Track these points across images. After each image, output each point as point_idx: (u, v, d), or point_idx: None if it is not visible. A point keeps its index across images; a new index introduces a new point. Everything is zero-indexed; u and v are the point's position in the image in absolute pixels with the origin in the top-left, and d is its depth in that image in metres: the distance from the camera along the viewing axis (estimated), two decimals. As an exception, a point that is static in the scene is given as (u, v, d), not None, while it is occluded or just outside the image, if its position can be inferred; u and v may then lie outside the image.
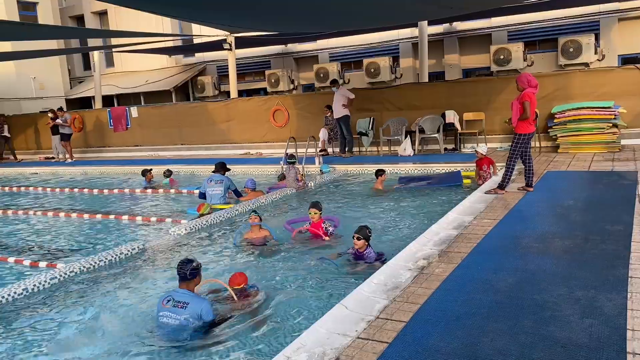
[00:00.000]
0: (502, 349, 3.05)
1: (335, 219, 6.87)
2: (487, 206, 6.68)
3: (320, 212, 6.36)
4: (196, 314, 4.01)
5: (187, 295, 4.13)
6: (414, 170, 10.56)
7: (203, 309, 4.05)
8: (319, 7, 8.30)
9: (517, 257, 4.69)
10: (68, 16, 26.63)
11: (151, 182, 11.31)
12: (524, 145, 7.24)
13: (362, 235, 5.34)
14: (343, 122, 12.92)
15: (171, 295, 4.15)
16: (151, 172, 11.43)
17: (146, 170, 11.46)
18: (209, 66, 23.46)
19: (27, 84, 23.47)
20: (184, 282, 4.22)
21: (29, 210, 9.65)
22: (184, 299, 4.08)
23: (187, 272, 4.19)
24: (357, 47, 20.15)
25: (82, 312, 4.75)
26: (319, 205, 6.42)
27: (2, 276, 6.07)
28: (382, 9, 8.55)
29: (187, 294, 4.14)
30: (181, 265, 4.24)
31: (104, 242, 7.29)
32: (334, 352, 3.19)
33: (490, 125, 12.46)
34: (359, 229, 5.41)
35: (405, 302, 3.86)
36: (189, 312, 4.00)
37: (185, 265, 4.22)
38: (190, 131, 16.93)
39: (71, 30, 21.47)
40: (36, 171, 15.94)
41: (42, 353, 4.00)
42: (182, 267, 4.22)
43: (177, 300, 4.08)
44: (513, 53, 16.61)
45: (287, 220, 7.17)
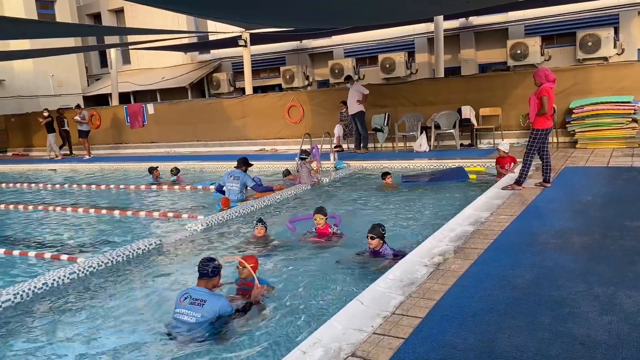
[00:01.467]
0: (519, 345, 3.03)
1: (337, 217, 6.78)
2: (503, 202, 6.63)
3: (326, 217, 6.23)
4: (213, 311, 4.03)
5: (205, 293, 4.14)
6: (429, 166, 10.51)
7: (221, 306, 4.07)
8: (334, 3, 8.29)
9: (534, 254, 4.65)
10: (85, 14, 26.88)
11: (158, 179, 11.48)
12: (541, 141, 7.16)
13: (376, 235, 5.26)
14: (358, 118, 12.89)
15: (188, 292, 4.17)
16: (157, 170, 11.64)
17: (153, 167, 11.72)
18: (224, 63, 23.55)
19: (46, 81, 23.77)
20: (203, 279, 4.23)
21: (49, 206, 9.78)
22: (202, 296, 4.09)
23: (209, 270, 4.21)
24: (372, 43, 20.08)
25: (100, 306, 4.81)
26: (324, 210, 6.27)
27: (22, 270, 6.17)
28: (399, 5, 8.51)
29: (204, 291, 4.15)
30: (203, 263, 4.27)
31: (121, 238, 7.37)
32: (350, 348, 3.20)
33: (506, 120, 12.34)
34: (371, 228, 5.32)
35: (421, 298, 3.85)
36: (206, 310, 4.01)
37: (207, 263, 4.25)
38: (206, 128, 17.03)
39: (88, 28, 21.69)
40: (54, 167, 16.15)
41: (61, 347, 4.06)
42: (205, 264, 4.24)
43: (194, 297, 4.09)
44: (530, 48, 16.42)
45: (289, 219, 7.10)
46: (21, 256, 6.63)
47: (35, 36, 16.34)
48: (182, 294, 4.20)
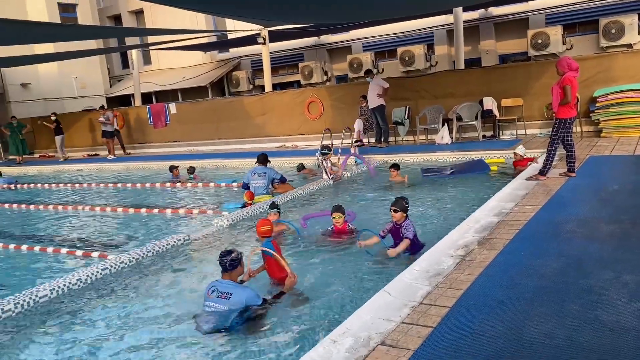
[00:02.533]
0: (548, 332, 3.06)
1: (352, 214, 6.75)
2: (528, 193, 6.61)
3: (344, 215, 6.14)
4: (240, 303, 4.11)
5: (230, 285, 4.23)
6: (452, 158, 10.49)
7: (247, 297, 4.15)
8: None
9: (560, 243, 4.65)
10: (106, 16, 27.29)
11: (177, 177, 11.83)
12: (565, 130, 7.11)
13: (399, 207, 5.30)
14: (378, 111, 12.90)
15: (215, 285, 4.26)
16: (177, 169, 12.01)
17: (173, 166, 12.11)
18: (243, 61, 23.71)
19: (70, 83, 24.22)
20: (226, 272, 4.33)
21: (78, 205, 10.02)
22: (227, 289, 4.18)
23: (226, 264, 4.30)
24: (390, 36, 20.02)
25: (132, 300, 4.95)
26: (342, 209, 6.16)
27: (56, 267, 6.36)
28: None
29: (230, 284, 4.24)
30: (221, 256, 4.37)
31: (150, 234, 7.54)
32: (379, 337, 3.25)
33: (529, 110, 12.24)
34: (395, 201, 5.37)
35: (448, 288, 3.89)
36: (232, 303, 4.10)
37: (225, 256, 4.34)
38: (227, 126, 17.19)
39: (109, 30, 22.03)
40: (81, 168, 16.48)
41: (95, 339, 4.19)
42: (222, 258, 4.34)
43: (220, 291, 4.19)
44: (551, 37, 16.20)
45: (303, 215, 7.12)
46: (54, 253, 6.82)
47: (58, 39, 16.64)
48: (209, 287, 4.31)
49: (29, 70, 22.66)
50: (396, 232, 5.38)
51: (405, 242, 5.21)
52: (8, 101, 23.12)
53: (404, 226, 5.31)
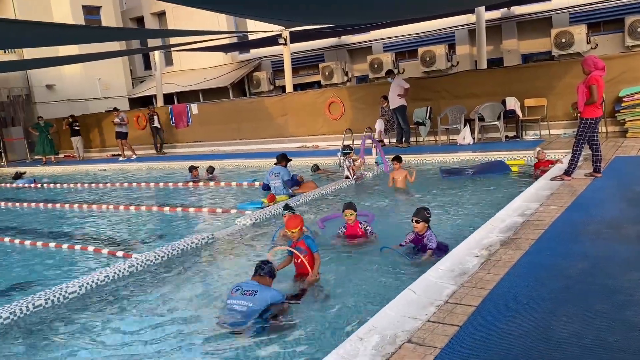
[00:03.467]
0: (576, 332, 3.04)
1: (370, 215, 6.70)
2: (553, 193, 6.55)
3: (356, 212, 5.99)
4: (265, 301, 4.15)
5: (256, 285, 4.27)
6: (474, 159, 10.42)
7: (272, 295, 4.20)
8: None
9: (587, 243, 4.61)
10: (129, 18, 27.67)
11: (197, 177, 11.98)
12: (590, 130, 7.03)
13: (421, 218, 5.24)
14: (399, 112, 12.87)
15: (240, 285, 4.31)
16: (197, 169, 12.15)
17: (193, 166, 12.25)
18: (264, 62, 23.84)
19: (93, 84, 24.62)
20: (257, 276, 4.37)
21: (102, 205, 10.19)
22: (253, 287, 4.22)
23: (264, 270, 4.37)
24: (411, 36, 19.96)
25: (157, 297, 5.03)
26: (353, 205, 6.02)
27: (83, 264, 6.49)
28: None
29: (256, 284, 4.28)
30: (262, 262, 4.47)
31: (174, 233, 7.64)
32: (406, 335, 3.27)
33: (552, 111, 12.10)
34: (416, 211, 5.32)
35: (474, 287, 3.88)
36: (257, 299, 4.14)
37: (265, 264, 4.44)
38: (248, 126, 17.31)
39: (132, 32, 22.33)
40: (105, 168, 16.74)
41: (121, 334, 4.27)
42: (262, 264, 4.44)
43: (245, 289, 4.23)
44: (575, 36, 16.00)
45: (320, 218, 7.12)
46: (81, 251, 6.96)
47: (83, 41, 16.93)
48: (234, 286, 4.35)
49: (54, 72, 23.09)
50: (418, 242, 5.34)
51: (429, 254, 5.17)
52: (34, 102, 23.59)
53: (426, 237, 5.27)
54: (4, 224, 9.62)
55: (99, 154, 20.88)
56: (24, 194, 13.34)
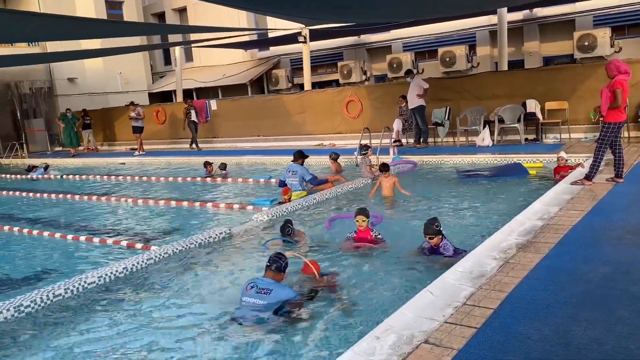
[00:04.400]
0: (596, 338, 3.01)
1: (378, 216, 6.59)
2: (573, 197, 6.47)
3: (368, 219, 5.78)
4: (278, 298, 4.17)
5: (271, 283, 4.28)
6: (493, 161, 10.33)
7: (287, 294, 4.22)
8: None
9: (608, 249, 4.55)
10: (150, 13, 27.89)
11: (210, 173, 12.10)
12: (613, 135, 6.93)
13: (432, 233, 5.10)
14: (418, 112, 12.81)
15: (255, 282, 4.31)
16: (211, 165, 12.25)
17: (207, 162, 12.36)
18: (283, 59, 23.87)
19: (114, 79, 24.88)
20: (270, 271, 4.37)
21: (121, 198, 10.30)
22: (268, 286, 4.23)
23: (277, 265, 4.36)
24: (431, 36, 19.83)
25: (174, 290, 5.08)
26: (366, 212, 5.79)
27: (102, 257, 6.57)
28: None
29: (270, 282, 4.29)
30: (275, 257, 4.44)
31: (192, 227, 7.70)
32: (423, 335, 3.25)
33: (574, 114, 11.96)
34: (425, 228, 5.14)
35: (492, 290, 3.85)
36: (271, 297, 4.15)
37: (278, 258, 4.42)
38: (266, 123, 17.36)
39: (153, 27, 22.51)
40: (124, 161, 16.91)
41: (138, 325, 4.31)
42: (277, 259, 4.41)
43: (260, 287, 4.24)
44: (599, 39, 15.75)
45: (329, 217, 7.05)
46: (101, 244, 7.04)
47: (105, 35, 17.12)
48: (249, 282, 4.36)
49: (76, 66, 23.38)
50: (433, 252, 5.23)
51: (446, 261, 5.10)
52: (55, 95, 23.90)
53: (442, 247, 5.16)
54: (23, 215, 9.77)
55: (118, 147, 21.10)
56: (39, 184, 13.54)
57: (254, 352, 3.73)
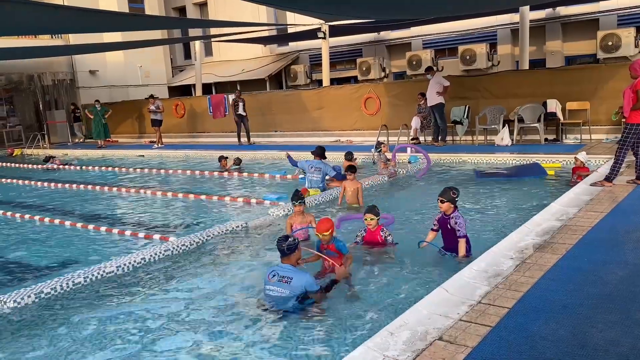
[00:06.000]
0: (613, 339, 2.98)
1: (390, 217, 6.50)
2: (592, 198, 6.41)
3: (378, 217, 5.61)
4: (300, 287, 4.24)
5: (290, 270, 4.36)
6: (511, 160, 10.24)
7: (306, 282, 4.27)
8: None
9: (627, 251, 4.50)
10: (171, 7, 28.07)
11: (225, 168, 12.21)
12: (635, 136, 6.84)
13: (446, 198, 5.09)
14: (437, 110, 12.74)
15: (276, 270, 4.40)
16: (226, 160, 12.34)
17: (222, 156, 12.45)
18: (302, 55, 23.88)
19: (134, 72, 25.10)
20: (284, 257, 4.45)
21: (140, 189, 10.42)
22: (288, 274, 4.31)
23: (284, 248, 4.42)
24: (452, 34, 19.68)
25: (192, 280, 5.14)
26: (375, 210, 5.61)
27: (121, 247, 6.67)
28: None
29: (290, 269, 4.37)
30: (279, 241, 4.50)
31: (208, 220, 7.77)
32: (437, 332, 3.26)
33: (595, 115, 11.79)
34: (443, 191, 5.17)
35: (507, 289, 3.84)
36: (292, 287, 4.23)
37: (282, 241, 4.47)
38: (284, 118, 17.40)
39: (174, 21, 22.65)
40: (143, 154, 17.09)
41: (156, 315, 4.38)
42: (280, 243, 4.47)
43: (281, 275, 4.33)
44: (623, 39, 15.50)
45: (339, 217, 6.99)
46: (119, 234, 7.15)
47: (126, 29, 17.29)
48: (270, 271, 4.45)
49: (97, 58, 23.65)
50: (444, 224, 5.18)
51: (463, 243, 5.08)
52: (77, 87, 24.21)
53: (453, 217, 5.09)
54: (44, 204, 9.94)
55: (137, 139, 21.32)
56: (57, 175, 13.76)
57: (264, 344, 3.76)
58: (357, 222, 6.48)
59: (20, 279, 5.69)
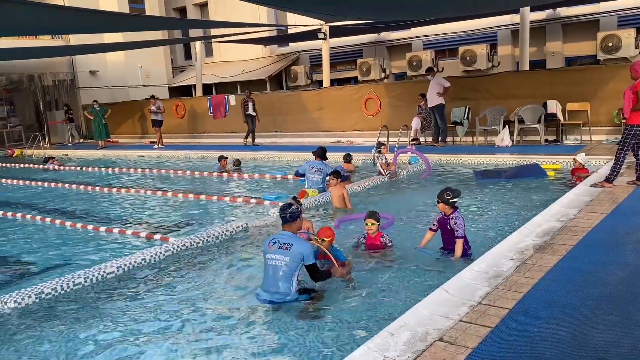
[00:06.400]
0: (613, 341, 2.99)
1: (390, 218, 6.49)
2: (592, 199, 6.41)
3: (379, 223, 5.56)
4: (299, 255, 4.28)
5: (291, 237, 4.42)
6: (511, 161, 10.24)
7: (305, 250, 4.31)
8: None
9: (628, 252, 4.50)
10: (172, 8, 28.08)
11: (225, 168, 12.22)
12: (635, 137, 6.84)
13: (441, 199, 5.14)
14: (437, 110, 12.74)
15: (277, 238, 4.45)
16: (225, 160, 12.35)
17: (222, 157, 12.47)
18: (302, 56, 23.89)
19: (135, 72, 25.10)
20: (286, 224, 4.50)
21: (140, 189, 10.43)
22: (288, 240, 4.37)
23: (287, 215, 4.47)
24: (452, 35, 19.70)
25: (192, 281, 5.14)
26: (376, 215, 5.56)
27: (121, 247, 6.67)
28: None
29: (290, 236, 4.43)
30: (282, 208, 4.54)
31: (209, 220, 7.78)
32: (437, 333, 3.26)
33: (595, 116, 11.79)
34: (440, 192, 5.22)
35: (508, 290, 3.84)
36: (292, 253, 4.28)
37: (285, 208, 4.51)
38: (284, 119, 17.40)
39: (175, 22, 22.67)
40: (143, 154, 17.09)
41: (158, 318, 4.38)
42: (283, 209, 4.51)
43: (282, 242, 4.37)
44: (623, 40, 15.48)
45: (338, 218, 7.00)
46: (120, 235, 7.15)
47: (127, 29, 17.29)
48: (270, 239, 4.49)
49: (98, 59, 23.65)
50: (444, 224, 5.20)
51: (460, 243, 5.10)
52: (77, 87, 24.22)
53: (452, 218, 5.11)
54: (44, 204, 9.95)
55: (138, 140, 21.31)
56: (57, 175, 13.76)
57: (264, 345, 3.77)
58: (356, 223, 6.50)
59: (20, 279, 5.70)
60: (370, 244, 5.58)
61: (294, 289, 4.31)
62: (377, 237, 5.55)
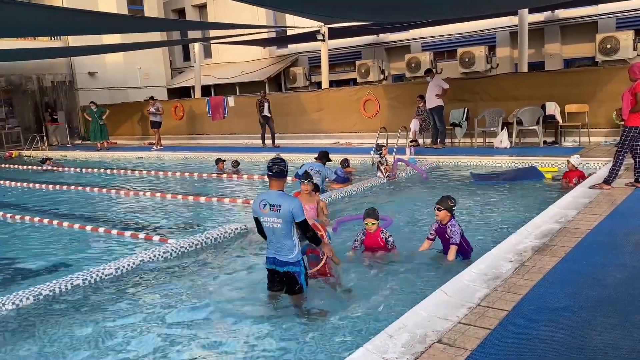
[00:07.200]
0: (612, 342, 2.99)
1: (388, 219, 6.47)
2: (591, 201, 6.41)
3: (378, 221, 5.50)
4: (288, 213, 4.24)
5: (278, 196, 4.33)
6: (510, 163, 10.25)
7: (294, 207, 4.26)
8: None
9: (626, 254, 4.51)
10: (170, 9, 28.09)
11: (222, 170, 12.20)
12: (634, 139, 6.85)
13: (443, 206, 5.13)
14: (436, 112, 12.74)
15: (265, 199, 4.36)
16: (223, 162, 12.35)
17: (219, 159, 12.45)
18: (301, 57, 23.90)
19: (134, 73, 25.09)
20: (274, 180, 4.42)
21: (139, 191, 10.41)
22: (277, 201, 4.30)
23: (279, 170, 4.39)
24: (451, 36, 19.72)
25: (190, 282, 5.14)
26: (375, 213, 5.47)
27: (120, 249, 6.66)
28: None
29: (278, 195, 4.34)
30: (273, 162, 4.45)
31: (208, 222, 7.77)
32: (436, 335, 3.26)
33: (594, 117, 11.81)
34: (440, 199, 5.21)
35: (506, 292, 3.85)
36: (282, 214, 4.25)
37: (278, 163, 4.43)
38: (283, 120, 17.35)
39: (173, 23, 22.68)
40: (141, 155, 17.08)
41: (156, 319, 4.38)
42: (276, 164, 4.42)
43: (271, 203, 4.31)
44: (621, 42, 15.54)
45: (337, 219, 6.94)
46: (118, 235, 7.15)
47: (125, 30, 17.29)
48: (260, 200, 4.40)
49: (97, 60, 23.65)
50: (442, 232, 5.21)
51: (453, 250, 5.09)
52: (76, 88, 24.20)
53: (449, 227, 5.13)
54: (39, 206, 9.93)
55: (138, 141, 21.29)
56: (55, 176, 13.75)
57: (263, 346, 3.77)
58: (354, 223, 6.51)
59: (18, 280, 5.68)
60: (370, 242, 5.52)
61: (297, 247, 4.36)
62: (376, 234, 5.50)
